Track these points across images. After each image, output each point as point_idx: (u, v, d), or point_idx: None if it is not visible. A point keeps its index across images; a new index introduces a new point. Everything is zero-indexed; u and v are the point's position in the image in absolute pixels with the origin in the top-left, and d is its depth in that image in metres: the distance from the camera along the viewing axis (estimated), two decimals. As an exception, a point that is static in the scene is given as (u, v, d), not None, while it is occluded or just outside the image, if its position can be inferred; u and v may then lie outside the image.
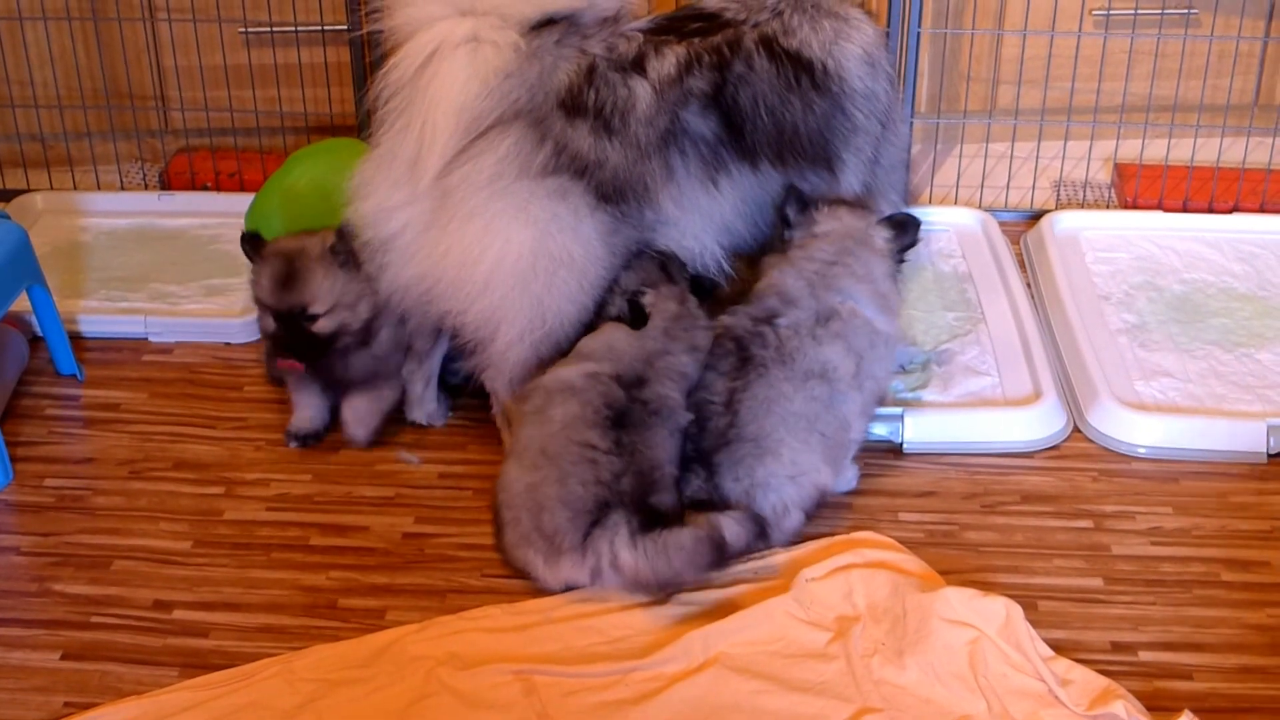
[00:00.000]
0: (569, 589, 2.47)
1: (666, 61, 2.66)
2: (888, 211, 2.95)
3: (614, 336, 2.58)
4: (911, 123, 3.34)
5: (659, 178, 2.64)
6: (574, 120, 2.59)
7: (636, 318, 2.59)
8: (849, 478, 2.71)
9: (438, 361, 2.89)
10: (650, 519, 2.41)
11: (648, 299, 2.61)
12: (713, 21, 2.76)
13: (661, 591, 2.41)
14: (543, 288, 2.61)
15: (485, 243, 2.57)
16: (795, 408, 2.52)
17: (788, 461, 2.50)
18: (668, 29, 2.72)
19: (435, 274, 2.62)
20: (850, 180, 2.87)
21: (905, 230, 2.75)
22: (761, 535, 2.45)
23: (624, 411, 2.49)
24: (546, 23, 2.59)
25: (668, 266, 2.65)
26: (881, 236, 2.73)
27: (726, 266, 2.77)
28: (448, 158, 2.56)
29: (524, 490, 2.48)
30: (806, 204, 2.72)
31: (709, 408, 2.54)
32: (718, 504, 2.49)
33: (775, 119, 2.73)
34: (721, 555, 2.37)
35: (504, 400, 2.74)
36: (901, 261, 2.78)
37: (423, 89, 2.56)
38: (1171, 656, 2.39)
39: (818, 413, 2.53)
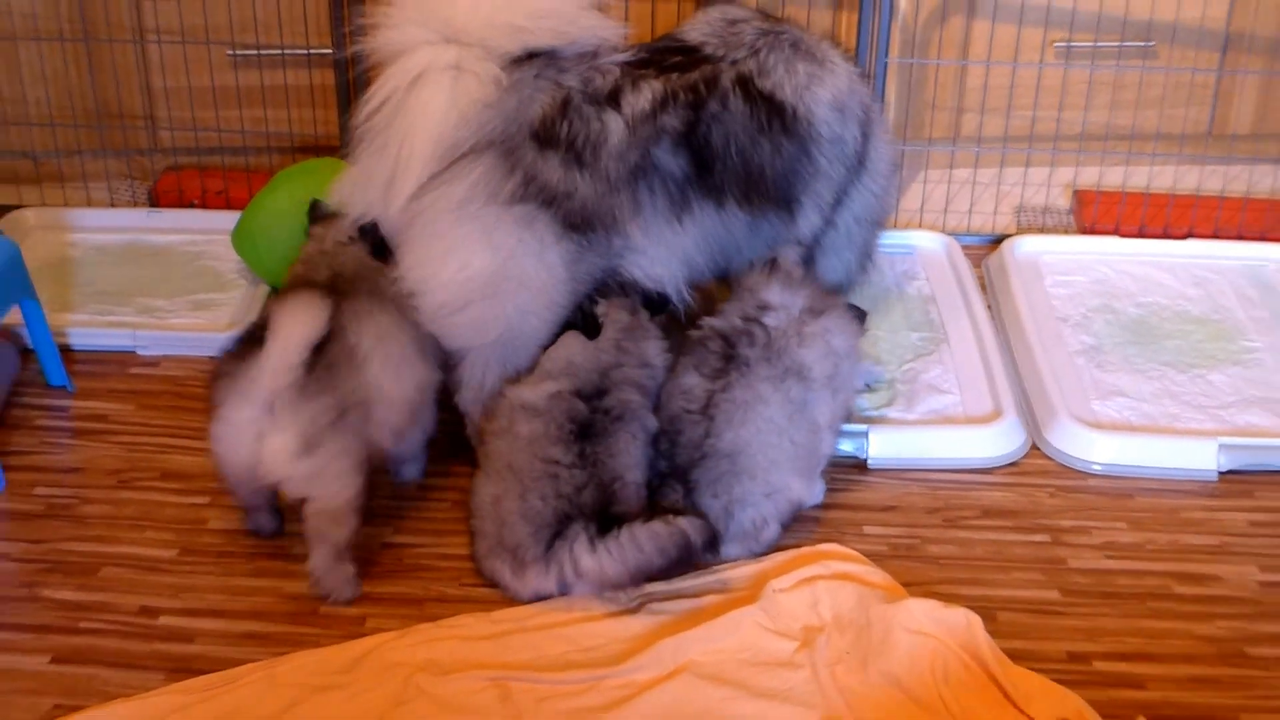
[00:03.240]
0: (540, 599, 2.48)
1: (642, 97, 2.66)
2: (836, 264, 2.98)
3: (570, 349, 2.60)
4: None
5: (626, 211, 2.65)
6: (545, 151, 2.59)
7: (590, 327, 2.60)
8: (817, 492, 2.72)
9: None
10: (609, 526, 2.42)
11: (600, 309, 2.62)
12: (692, 56, 2.76)
13: (631, 587, 2.42)
14: (504, 306, 2.61)
15: (447, 262, 2.58)
16: (770, 412, 2.53)
17: (762, 480, 2.52)
18: (648, 63, 2.72)
19: (406, 288, 2.63)
20: (805, 225, 2.87)
21: (656, 308, 2.74)
22: (712, 543, 2.46)
23: (587, 423, 2.51)
24: (527, 56, 2.60)
25: (623, 286, 2.67)
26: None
27: (686, 295, 2.78)
28: (422, 181, 2.57)
29: (489, 503, 2.50)
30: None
31: (685, 417, 2.55)
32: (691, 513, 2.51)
33: (744, 160, 2.73)
34: (680, 544, 2.38)
35: (473, 416, 2.75)
36: None
37: (404, 112, 2.57)
38: (1125, 666, 2.41)
39: (791, 415, 2.54)
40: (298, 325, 2.38)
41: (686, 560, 2.41)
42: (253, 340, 2.44)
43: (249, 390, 2.40)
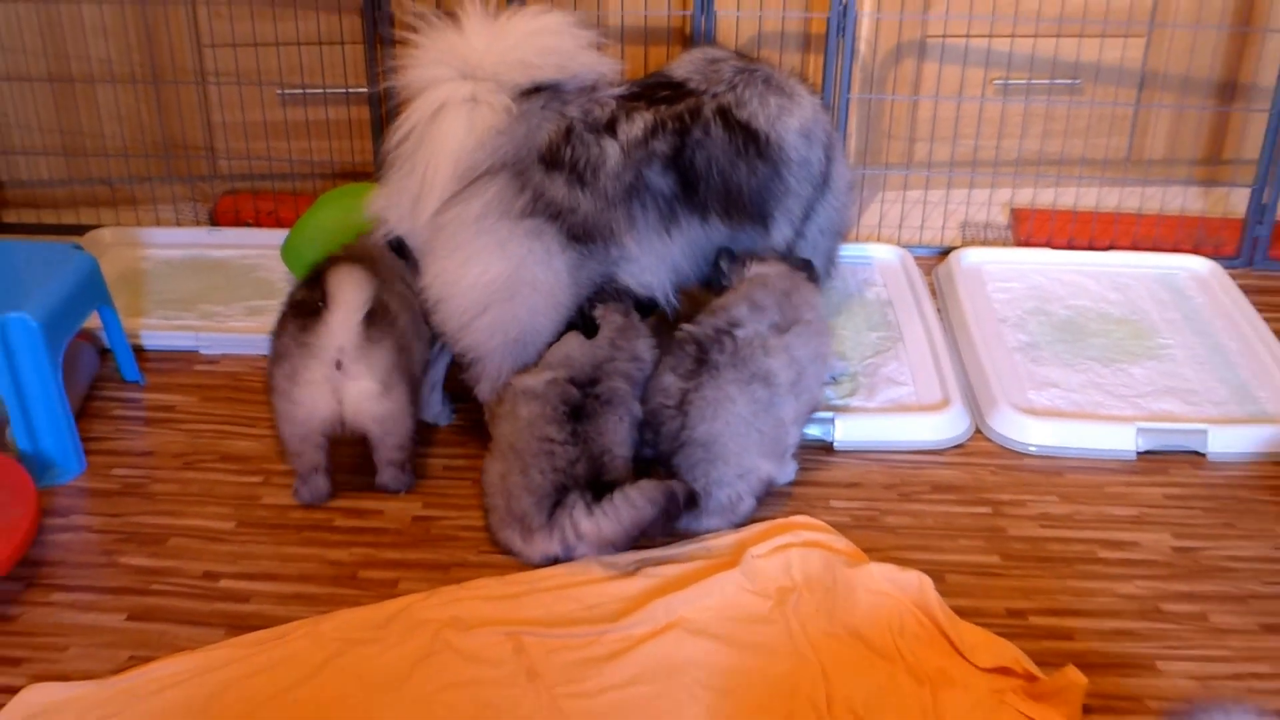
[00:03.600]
0: (549, 563, 2.48)
1: (635, 125, 2.66)
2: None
3: (570, 346, 2.60)
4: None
5: (622, 224, 2.65)
6: (552, 172, 2.59)
7: (588, 328, 2.60)
8: (789, 471, 2.71)
9: (442, 369, 2.88)
10: (601, 492, 2.43)
11: (598, 312, 2.62)
12: (678, 90, 2.76)
13: (627, 541, 2.43)
14: (517, 308, 2.61)
15: (466, 270, 2.59)
16: (738, 409, 2.52)
17: (735, 463, 2.52)
18: (639, 95, 2.72)
19: (430, 293, 2.63)
20: (778, 236, 2.87)
21: (646, 311, 2.76)
22: (692, 501, 2.47)
23: (579, 406, 2.51)
24: (535, 89, 2.61)
25: (618, 292, 2.67)
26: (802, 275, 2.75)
27: (672, 298, 2.77)
28: (444, 199, 2.57)
29: (497, 479, 2.50)
30: (738, 258, 2.73)
31: (664, 411, 2.54)
32: None
33: (725, 180, 2.72)
34: (667, 494, 2.41)
35: (486, 401, 2.75)
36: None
37: (428, 139, 2.57)
38: (1056, 621, 2.40)
39: (757, 413, 2.54)
40: (355, 291, 2.49)
41: (673, 509, 2.43)
42: (302, 315, 2.54)
43: (320, 352, 2.51)
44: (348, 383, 2.54)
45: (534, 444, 2.47)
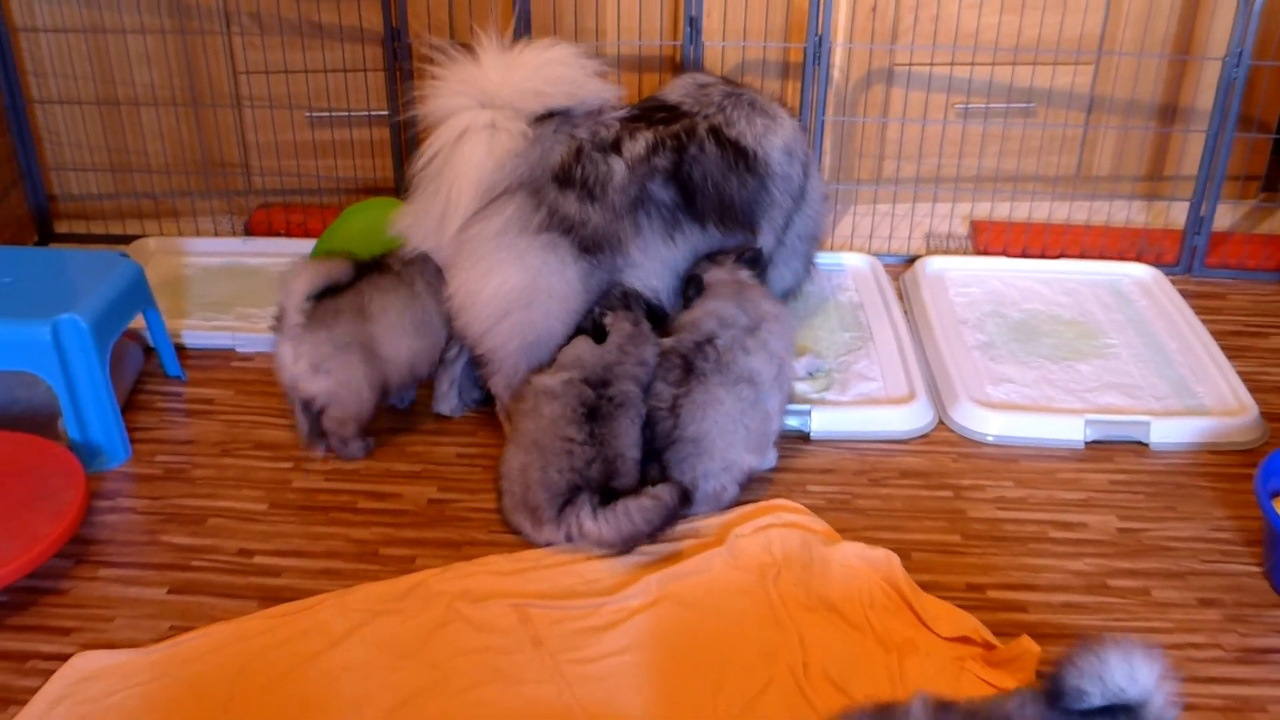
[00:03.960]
0: (551, 545, 2.49)
1: (638, 144, 2.66)
2: (787, 274, 2.99)
3: (581, 349, 2.59)
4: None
5: (629, 234, 2.65)
6: (564, 190, 2.59)
7: (598, 334, 2.60)
8: (770, 459, 2.71)
9: (459, 368, 2.88)
10: (610, 497, 2.43)
11: (608, 320, 2.61)
12: (674, 112, 2.77)
13: (623, 546, 2.42)
14: (534, 314, 2.62)
15: (488, 280, 2.59)
16: (726, 409, 2.52)
17: (719, 458, 2.51)
18: (640, 118, 2.73)
19: (454, 302, 2.64)
20: (764, 241, 2.87)
21: (756, 261, 2.78)
22: (686, 500, 2.46)
23: (595, 407, 2.50)
24: (547, 115, 2.61)
25: (627, 298, 2.66)
26: (745, 272, 2.75)
27: (674, 300, 2.78)
28: (467, 216, 2.58)
29: (517, 470, 2.49)
30: (698, 279, 2.73)
31: (658, 413, 2.54)
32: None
33: (718, 191, 2.73)
34: (662, 514, 2.40)
35: (504, 399, 2.75)
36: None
37: (451, 162, 2.57)
38: (1011, 595, 2.41)
39: (744, 409, 2.54)
40: (303, 281, 2.62)
41: (667, 526, 2.42)
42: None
43: (284, 329, 2.64)
44: (287, 359, 2.65)
45: (556, 443, 2.47)
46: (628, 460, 2.49)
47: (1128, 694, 1.63)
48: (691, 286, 2.72)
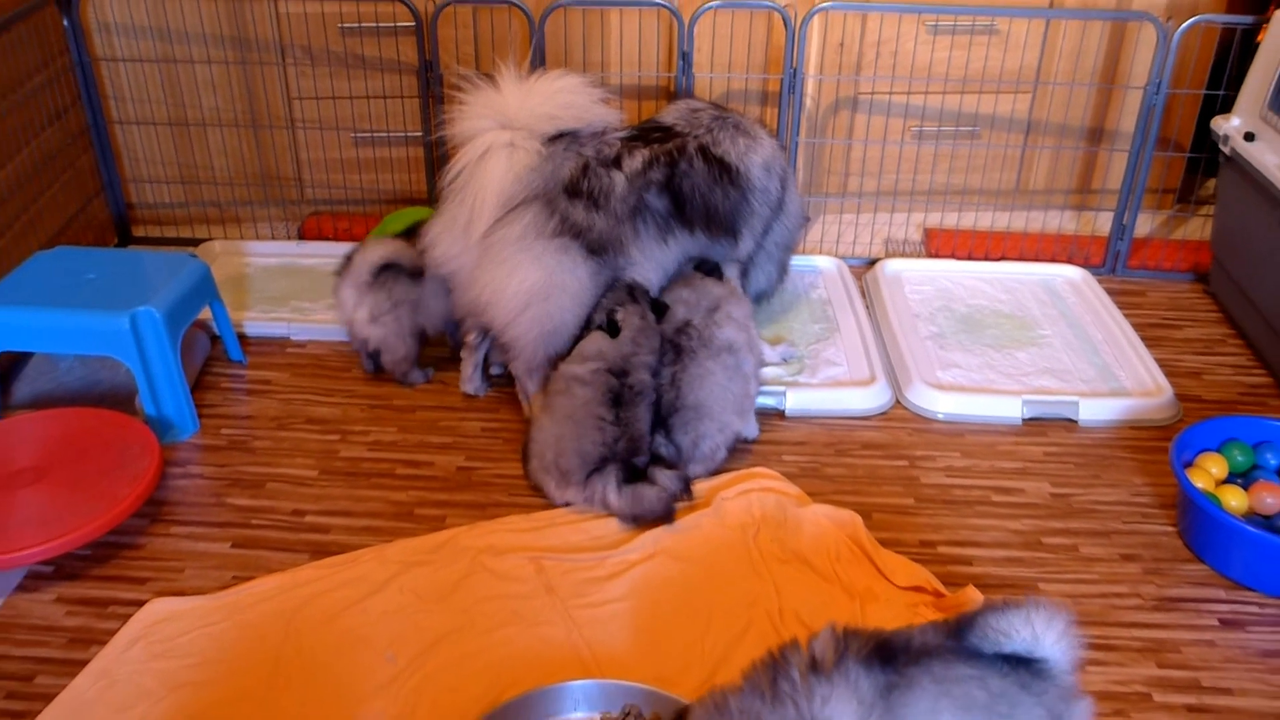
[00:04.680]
0: (568, 505, 2.49)
1: (636, 159, 2.65)
2: (762, 277, 2.98)
3: (601, 343, 2.57)
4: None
5: (630, 237, 2.64)
6: (574, 200, 2.58)
7: (612, 328, 2.59)
8: (754, 430, 2.72)
9: (483, 352, 2.88)
10: (631, 472, 2.43)
11: (619, 315, 2.61)
12: (668, 132, 2.76)
13: (633, 521, 2.43)
14: (551, 307, 2.61)
15: (511, 279, 2.58)
16: (716, 379, 2.53)
17: (716, 420, 2.52)
18: (638, 137, 2.72)
19: (481, 298, 2.63)
20: (744, 248, 2.86)
21: (714, 269, 2.78)
22: (688, 491, 2.47)
23: (619, 394, 2.49)
24: (558, 135, 2.60)
25: (634, 291, 2.65)
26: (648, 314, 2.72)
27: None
28: (490, 224, 2.57)
29: (553, 438, 2.48)
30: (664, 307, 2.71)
31: (662, 388, 2.54)
32: (670, 457, 2.52)
33: (705, 202, 2.72)
34: (668, 504, 2.42)
35: (524, 381, 2.74)
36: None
37: (475, 177, 2.57)
38: (959, 550, 2.41)
39: (730, 376, 2.54)
40: (376, 251, 2.86)
41: (669, 513, 2.43)
42: (349, 255, 2.91)
43: (349, 280, 2.85)
44: (349, 304, 2.85)
45: (591, 420, 2.46)
46: (646, 439, 2.49)
47: (1031, 651, 1.64)
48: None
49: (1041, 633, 1.64)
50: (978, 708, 1.59)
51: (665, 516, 2.42)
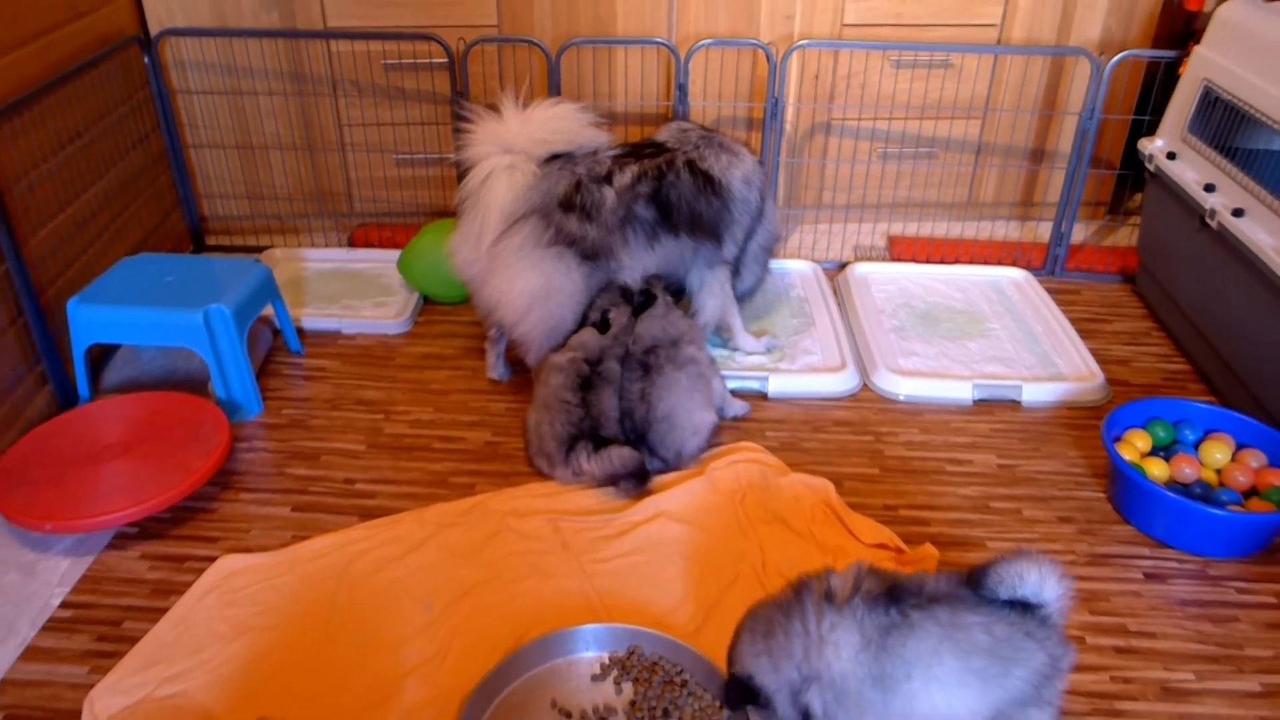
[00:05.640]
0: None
1: (626, 174, 2.64)
2: (747, 277, 2.95)
3: (586, 336, 2.58)
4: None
5: (620, 244, 2.63)
6: (568, 213, 2.57)
7: (604, 326, 2.58)
8: (742, 409, 2.72)
9: (503, 344, 2.88)
10: (600, 443, 2.43)
11: (612, 315, 2.60)
12: (659, 149, 2.75)
13: (607, 481, 2.42)
14: (551, 307, 2.60)
15: (513, 284, 2.57)
16: (683, 385, 2.49)
17: (687, 426, 2.48)
18: (630, 154, 2.71)
19: (491, 299, 2.62)
20: (727, 251, 2.84)
21: (677, 294, 2.75)
22: (669, 468, 2.48)
23: (588, 379, 2.50)
24: (553, 157, 2.60)
25: (625, 293, 2.65)
26: (666, 298, 2.70)
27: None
28: (496, 236, 2.57)
29: (534, 426, 2.49)
30: (649, 294, 2.68)
31: (632, 404, 2.50)
32: (659, 470, 2.50)
33: (690, 210, 2.71)
34: (634, 461, 2.40)
35: (533, 368, 2.74)
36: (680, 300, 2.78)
37: (482, 195, 2.57)
38: (918, 512, 2.41)
39: (694, 381, 2.52)
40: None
41: (638, 471, 2.40)
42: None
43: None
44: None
45: (559, 405, 2.46)
46: (609, 416, 2.48)
47: (1039, 595, 1.62)
48: (642, 295, 2.70)
49: (1046, 577, 1.62)
50: (980, 651, 1.57)
51: (638, 474, 2.40)
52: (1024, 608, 1.61)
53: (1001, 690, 1.57)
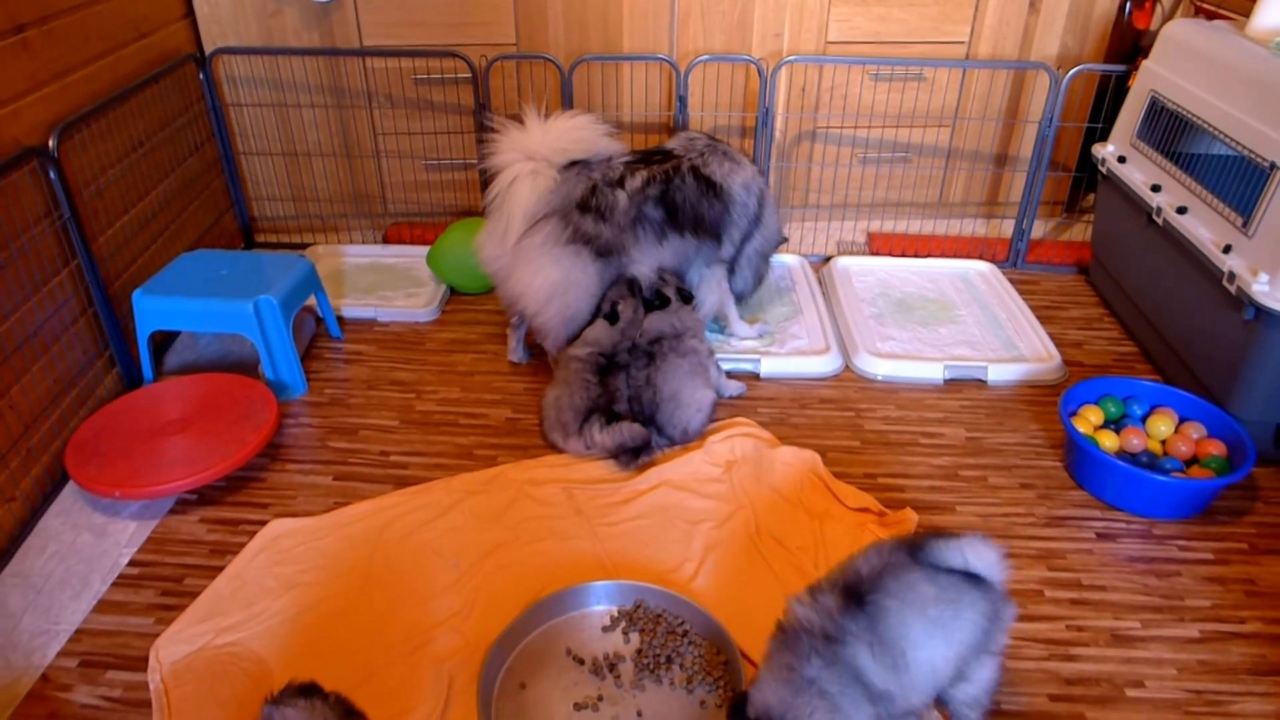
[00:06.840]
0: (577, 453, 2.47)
1: (637, 178, 2.62)
2: (742, 277, 2.92)
3: (599, 330, 2.57)
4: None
5: (631, 242, 2.62)
6: (584, 214, 2.56)
7: (614, 318, 2.57)
8: (738, 389, 2.71)
9: (523, 330, 2.87)
10: (611, 417, 2.42)
11: (620, 307, 2.59)
12: (668, 156, 2.73)
13: (616, 451, 2.40)
14: (569, 299, 2.58)
15: (535, 277, 2.56)
16: (685, 369, 2.49)
17: (691, 404, 2.48)
18: (641, 160, 2.69)
19: (515, 291, 2.61)
20: (725, 251, 2.82)
21: (686, 298, 2.70)
22: (674, 445, 2.47)
23: (605, 367, 2.49)
24: (572, 163, 2.58)
25: (633, 286, 2.64)
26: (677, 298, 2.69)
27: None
28: (519, 234, 2.55)
29: (552, 400, 2.48)
30: (662, 295, 2.66)
31: (641, 389, 2.50)
32: (665, 448, 2.48)
33: (695, 212, 2.69)
34: (641, 435, 2.39)
35: (552, 354, 2.72)
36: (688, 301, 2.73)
37: (508, 198, 2.56)
38: (896, 480, 2.40)
39: (694, 367, 2.52)
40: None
41: (645, 443, 2.40)
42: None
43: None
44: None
45: (579, 382, 2.46)
46: (621, 394, 2.48)
47: (966, 569, 1.61)
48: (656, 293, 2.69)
49: (973, 560, 1.60)
50: (929, 601, 1.55)
51: (644, 447, 2.39)
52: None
53: (960, 632, 1.57)
